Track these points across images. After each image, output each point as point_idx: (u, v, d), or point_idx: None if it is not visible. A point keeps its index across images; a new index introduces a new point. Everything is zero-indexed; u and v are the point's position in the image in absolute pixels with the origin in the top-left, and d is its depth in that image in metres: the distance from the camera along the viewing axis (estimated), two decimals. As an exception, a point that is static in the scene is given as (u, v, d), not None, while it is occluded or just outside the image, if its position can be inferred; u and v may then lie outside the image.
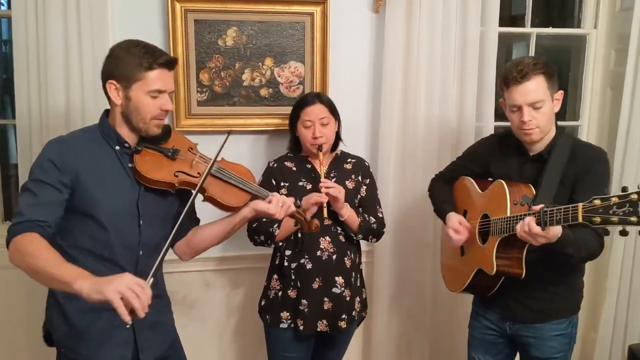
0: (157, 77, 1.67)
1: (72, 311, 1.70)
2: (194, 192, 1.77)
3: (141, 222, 1.73)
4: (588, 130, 3.05)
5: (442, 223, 2.26)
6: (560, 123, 3.13)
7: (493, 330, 2.14)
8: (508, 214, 1.88)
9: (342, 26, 2.59)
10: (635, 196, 1.51)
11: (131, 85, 1.66)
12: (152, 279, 1.49)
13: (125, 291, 1.37)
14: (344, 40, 2.62)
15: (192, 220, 1.95)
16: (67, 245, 1.66)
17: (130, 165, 1.72)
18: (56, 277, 1.44)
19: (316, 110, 2.23)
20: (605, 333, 2.91)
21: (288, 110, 2.42)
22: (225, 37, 2.51)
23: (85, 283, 1.39)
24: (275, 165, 2.30)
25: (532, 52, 2.93)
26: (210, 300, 2.78)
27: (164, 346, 1.88)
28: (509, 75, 1.88)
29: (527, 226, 1.71)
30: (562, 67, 3.30)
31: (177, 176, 1.75)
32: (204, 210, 1.94)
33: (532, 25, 2.96)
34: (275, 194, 1.90)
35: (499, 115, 2.89)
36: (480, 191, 2.11)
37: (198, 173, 1.79)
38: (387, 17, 2.56)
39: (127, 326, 1.40)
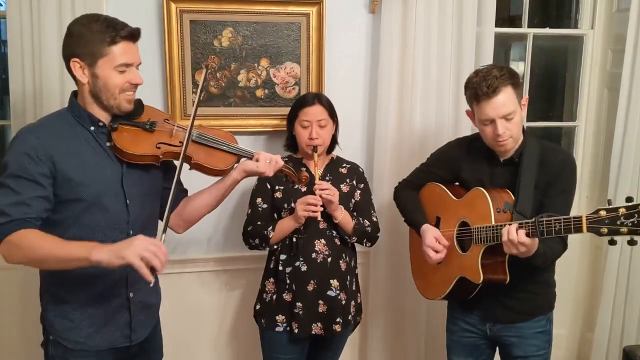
0: (122, 51, 1.61)
1: (72, 303, 1.69)
2: (178, 161, 1.75)
3: (128, 201, 1.70)
4: (585, 131, 3.04)
5: (413, 230, 2.24)
6: (557, 124, 3.18)
7: (473, 332, 2.14)
8: (493, 222, 1.87)
9: (337, 27, 2.59)
10: None
11: (96, 62, 1.60)
12: (164, 235, 1.53)
13: (145, 252, 1.43)
14: (340, 41, 2.61)
15: (180, 191, 1.93)
16: (56, 235, 1.62)
17: (108, 144, 1.68)
18: (68, 257, 1.48)
19: (315, 112, 2.22)
20: (602, 334, 2.90)
21: (284, 111, 2.42)
22: (221, 38, 2.50)
23: (101, 252, 1.45)
24: (286, 160, 2.29)
25: (529, 53, 2.93)
26: (206, 302, 2.78)
27: (150, 327, 1.88)
28: (479, 90, 1.86)
29: (515, 235, 1.73)
30: (559, 68, 3.30)
31: (159, 148, 1.71)
32: (194, 181, 1.93)
33: (531, 26, 2.95)
34: (261, 152, 1.88)
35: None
36: (454, 198, 2.08)
37: (180, 142, 1.75)
38: (383, 17, 2.56)
39: (151, 284, 1.47)
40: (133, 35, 1.65)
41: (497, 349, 2.18)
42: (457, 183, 2.15)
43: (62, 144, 1.61)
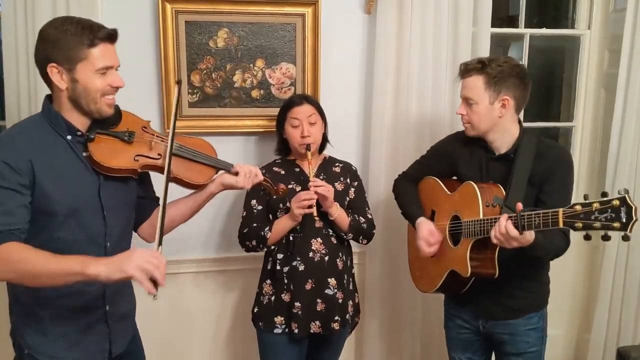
0: (102, 53, 1.55)
1: (48, 318, 1.64)
2: (160, 174, 1.70)
3: (105, 213, 1.65)
4: (582, 131, 3.04)
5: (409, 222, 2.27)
6: (554, 124, 3.18)
7: (467, 329, 2.17)
8: (481, 216, 1.90)
9: (333, 27, 2.59)
10: (617, 202, 1.54)
11: (75, 66, 1.53)
12: (160, 247, 1.49)
13: (146, 264, 1.39)
14: (336, 41, 2.61)
15: (153, 200, 1.89)
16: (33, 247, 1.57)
17: (85, 154, 1.62)
18: (61, 271, 1.42)
19: (304, 110, 2.23)
20: (598, 334, 2.91)
21: (279, 111, 2.42)
22: (216, 39, 2.50)
23: (99, 266, 1.40)
24: (264, 171, 2.29)
25: (525, 53, 2.92)
26: (202, 303, 2.77)
27: (129, 338, 1.86)
28: (459, 67, 2.03)
29: (505, 228, 1.73)
30: (555, 68, 3.30)
31: (137, 160, 1.66)
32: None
33: (529, 26, 2.95)
34: (240, 164, 1.85)
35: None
36: (448, 192, 2.12)
37: (159, 154, 1.70)
38: (378, 18, 2.55)
39: (154, 298, 1.42)
40: (111, 36, 1.58)
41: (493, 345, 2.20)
42: (454, 177, 2.17)
43: (41, 155, 1.55)
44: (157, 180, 1.80)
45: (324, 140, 2.33)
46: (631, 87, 2.70)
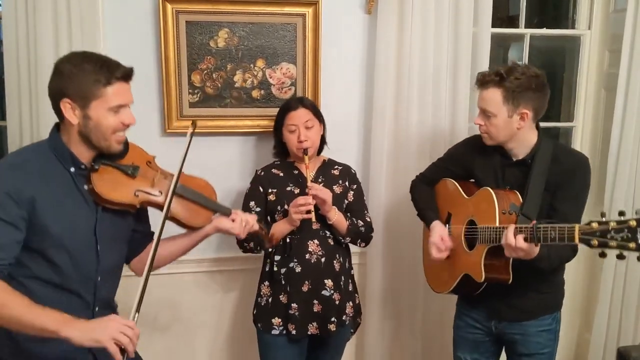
0: (116, 92, 1.55)
1: (26, 340, 1.56)
2: (158, 210, 1.69)
3: (99, 247, 1.64)
4: (582, 131, 3.04)
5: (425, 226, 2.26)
6: (554, 124, 3.17)
7: (479, 329, 2.17)
8: (497, 223, 1.88)
9: (334, 27, 2.58)
10: (634, 222, 1.53)
11: (89, 103, 1.53)
12: (137, 315, 1.47)
13: (119, 336, 1.39)
14: (336, 42, 2.61)
15: (147, 234, 1.86)
16: (21, 275, 1.55)
17: (86, 187, 1.60)
18: (35, 325, 1.40)
19: (299, 115, 2.23)
20: (599, 334, 2.91)
21: (280, 111, 2.41)
22: (217, 39, 2.50)
23: (73, 330, 1.39)
24: (263, 173, 2.31)
25: (526, 53, 2.92)
26: (201, 303, 2.77)
27: None
28: (477, 77, 1.99)
29: (513, 240, 1.74)
30: (556, 68, 3.30)
31: (137, 196, 1.65)
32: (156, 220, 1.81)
33: (529, 26, 2.95)
34: (239, 211, 1.87)
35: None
36: (465, 195, 2.11)
37: (160, 191, 1.69)
38: (379, 18, 2.55)
39: None
40: (127, 75, 1.59)
41: (504, 346, 2.21)
42: (472, 180, 2.16)
43: (44, 187, 1.53)
44: (153, 215, 1.78)
45: (322, 142, 2.33)
46: (631, 87, 2.70)
